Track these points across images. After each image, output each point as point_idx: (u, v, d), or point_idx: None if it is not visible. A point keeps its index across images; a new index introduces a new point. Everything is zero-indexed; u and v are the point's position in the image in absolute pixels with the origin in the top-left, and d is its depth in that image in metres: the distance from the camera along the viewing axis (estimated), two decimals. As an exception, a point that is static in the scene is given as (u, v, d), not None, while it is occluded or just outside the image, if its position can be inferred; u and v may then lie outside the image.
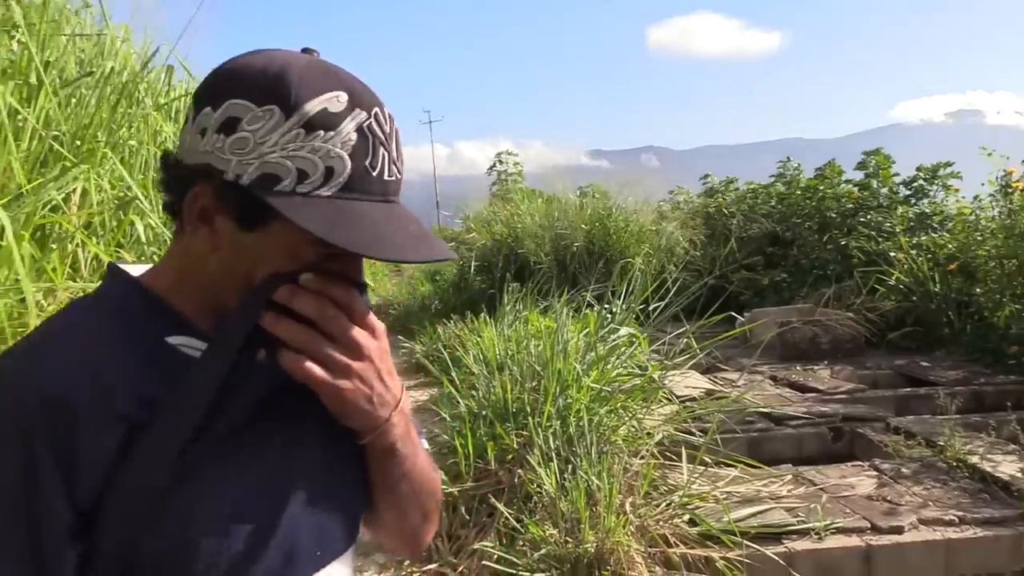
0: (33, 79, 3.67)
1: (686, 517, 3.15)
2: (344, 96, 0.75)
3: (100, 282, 0.85)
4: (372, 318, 0.84)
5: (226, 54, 0.81)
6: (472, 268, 11.22)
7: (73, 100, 4.04)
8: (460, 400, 4.23)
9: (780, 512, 3.23)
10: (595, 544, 2.80)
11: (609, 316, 4.85)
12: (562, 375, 3.81)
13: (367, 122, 0.76)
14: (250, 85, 0.73)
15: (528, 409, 3.72)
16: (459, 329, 7.53)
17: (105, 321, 0.77)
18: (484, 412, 3.94)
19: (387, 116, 0.79)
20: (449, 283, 13.23)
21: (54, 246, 3.39)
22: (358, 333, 0.81)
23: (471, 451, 3.61)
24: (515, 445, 3.56)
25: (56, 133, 3.66)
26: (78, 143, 3.79)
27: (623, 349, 4.33)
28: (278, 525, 0.79)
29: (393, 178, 0.80)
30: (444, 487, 3.56)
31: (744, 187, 11.83)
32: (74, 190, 3.52)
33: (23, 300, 3.02)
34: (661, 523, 3.08)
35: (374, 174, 0.77)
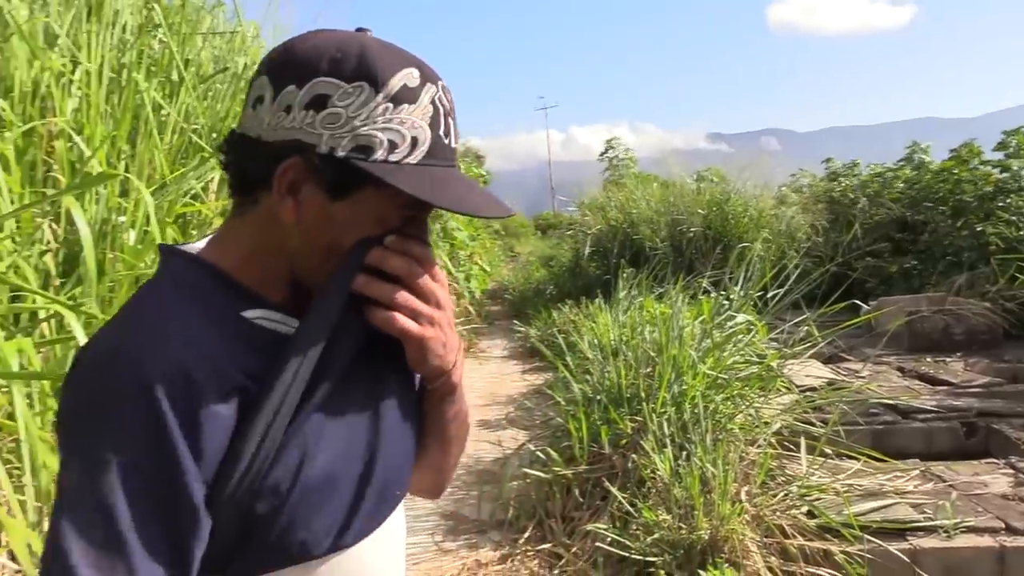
0: (175, 76, 3.92)
1: (804, 508, 3.09)
2: (416, 71, 0.81)
3: (159, 264, 0.87)
4: (440, 271, 0.90)
5: None
6: (587, 254, 11.21)
7: (209, 95, 4.30)
8: (575, 384, 4.27)
9: (905, 508, 3.11)
10: (709, 531, 2.80)
11: (726, 303, 4.77)
12: (677, 361, 3.79)
13: (437, 95, 0.83)
14: (334, 61, 0.78)
15: (642, 395, 3.72)
16: (574, 314, 7.57)
17: (188, 301, 0.80)
18: (598, 397, 3.97)
19: (447, 88, 0.85)
20: (564, 269, 13.27)
21: (194, 232, 3.63)
22: (435, 286, 0.88)
23: (585, 435, 3.65)
24: (629, 430, 3.58)
25: (195, 126, 3.91)
26: (214, 135, 4.04)
27: (740, 336, 4.26)
28: (373, 472, 0.86)
29: (456, 145, 0.87)
30: (558, 469, 3.63)
31: (868, 171, 11.32)
32: (211, 180, 3.76)
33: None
34: (778, 513, 3.03)
35: (446, 142, 0.84)
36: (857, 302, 4.62)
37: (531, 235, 31.15)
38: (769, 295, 4.59)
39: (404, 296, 0.85)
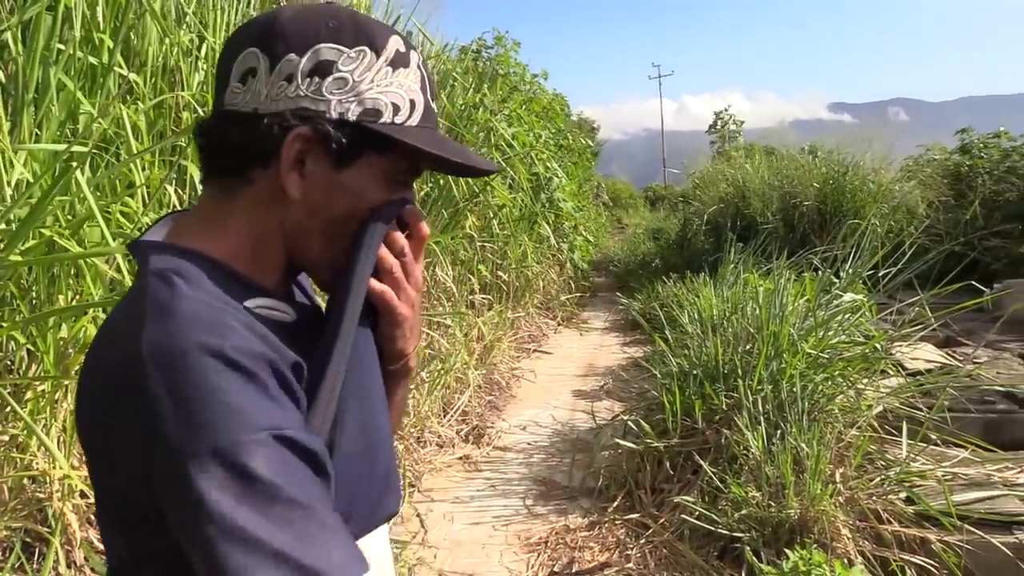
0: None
1: (902, 495, 3.00)
2: (399, 38, 0.82)
3: (149, 263, 0.76)
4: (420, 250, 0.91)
5: (463, 23, 0.91)
6: (695, 227, 11.03)
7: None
8: (672, 358, 4.26)
9: (1014, 500, 2.98)
10: (799, 510, 2.77)
11: (835, 280, 4.62)
12: (777, 338, 3.73)
13: (419, 60, 0.84)
14: (333, 31, 0.78)
15: (740, 371, 3.69)
16: (678, 288, 7.50)
17: (205, 293, 0.74)
18: (695, 371, 3.95)
19: (424, 61, 0.87)
20: (671, 242, 13.11)
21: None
22: (418, 267, 0.89)
23: (679, 409, 3.65)
24: (724, 406, 3.55)
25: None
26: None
27: (846, 315, 4.13)
28: (390, 447, 0.87)
29: (435, 108, 0.87)
30: (650, 441, 3.65)
31: (1007, 144, 10.57)
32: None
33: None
34: (874, 498, 2.96)
35: (432, 106, 0.86)
36: (975, 284, 4.37)
37: (640, 207, 30.78)
38: (881, 273, 4.42)
39: (399, 273, 0.86)
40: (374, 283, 0.84)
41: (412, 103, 0.82)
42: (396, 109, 0.80)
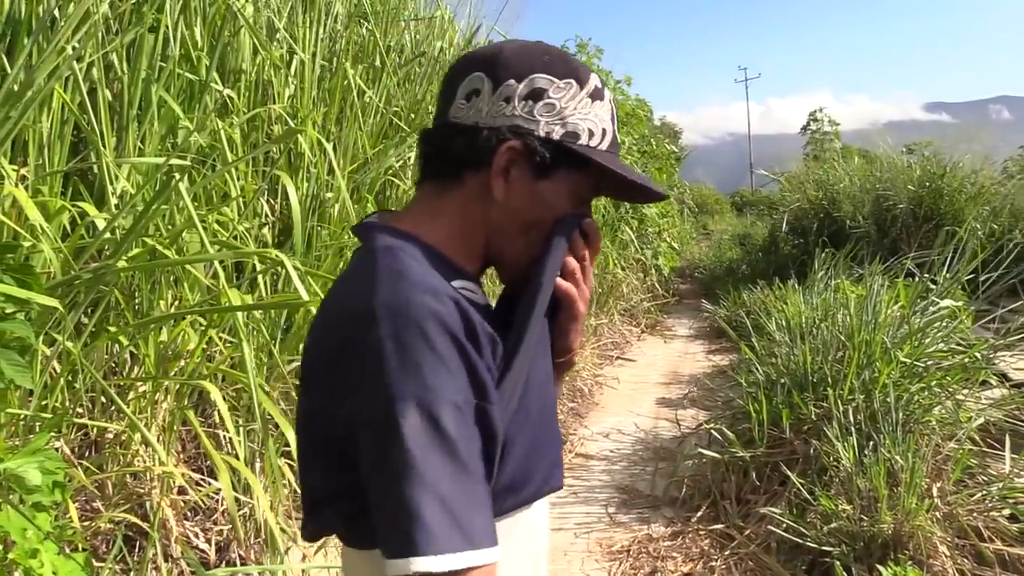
0: (377, 62, 4.19)
1: (1005, 511, 2.86)
2: (596, 76, 0.97)
3: (376, 241, 0.90)
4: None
5: (544, 30, 0.97)
6: (783, 232, 10.76)
7: (410, 78, 4.56)
8: (758, 366, 4.17)
9: None
10: (892, 525, 2.67)
11: (932, 286, 4.44)
12: (869, 347, 3.60)
13: (610, 96, 0.99)
14: (548, 63, 0.93)
15: (829, 380, 3.58)
16: (765, 295, 7.33)
17: (426, 268, 0.86)
18: (782, 380, 3.85)
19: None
20: (758, 247, 12.82)
21: (392, 208, 3.89)
22: (592, 274, 1.01)
23: (766, 418, 3.57)
24: (813, 416, 3.45)
25: (395, 109, 4.17)
26: (412, 116, 4.28)
27: (944, 323, 3.96)
28: (559, 436, 0.99)
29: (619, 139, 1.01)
30: (735, 451, 3.58)
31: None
32: (409, 157, 4.00)
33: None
34: (974, 514, 2.83)
35: (618, 135, 0.99)
36: (1086, 290, 4.13)
37: (726, 212, 30.20)
38: (982, 279, 4.22)
39: (580, 275, 0.98)
40: (560, 281, 0.96)
41: (604, 131, 0.95)
42: (591, 134, 0.94)
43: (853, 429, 3.20)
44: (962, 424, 3.30)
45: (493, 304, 1.01)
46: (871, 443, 3.13)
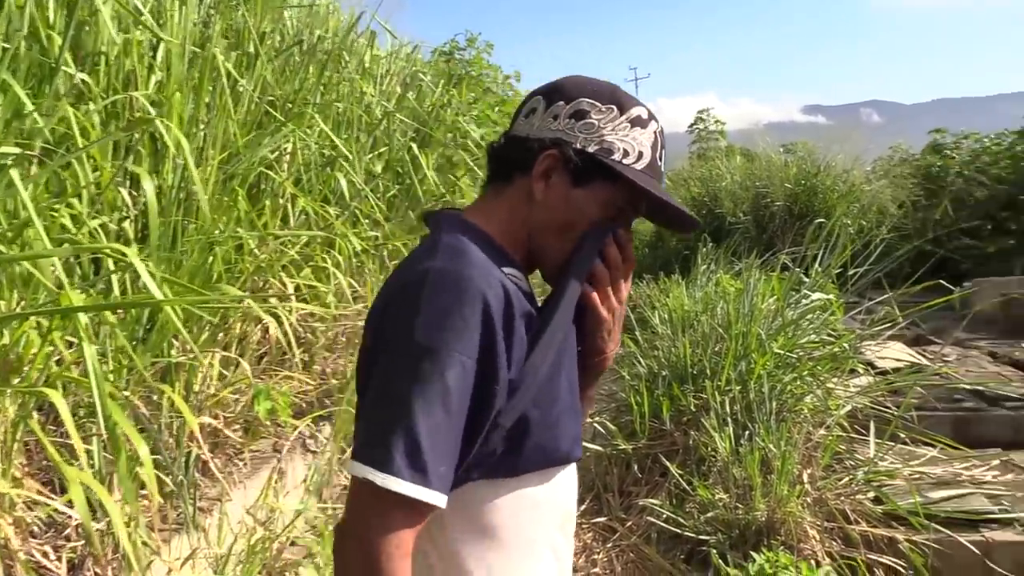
0: (251, 48, 4.00)
1: (871, 494, 2.98)
2: (645, 110, 1.11)
3: (444, 226, 1.08)
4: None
5: (424, 22, 0.88)
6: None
7: (287, 67, 4.38)
8: (641, 360, 4.21)
9: (980, 498, 2.97)
10: (766, 512, 2.73)
11: (804, 279, 4.60)
12: (746, 338, 3.69)
13: (658, 129, 1.13)
14: (595, 91, 1.09)
15: (708, 372, 3.64)
16: (650, 289, 7.46)
17: (483, 252, 1.02)
18: (663, 373, 3.90)
19: (663, 131, 1.14)
20: (644, 243, 13.10)
21: (267, 201, 3.72)
22: (624, 284, 1.13)
23: (647, 411, 3.60)
24: (692, 407, 3.51)
25: (271, 98, 3.99)
26: (289, 106, 4.11)
27: (815, 315, 4.10)
28: (579, 417, 1.12)
29: (664, 171, 1.15)
30: (617, 443, 3.60)
31: (976, 145, 10.63)
32: (285, 149, 3.84)
33: (240, 247, 3.38)
34: (842, 498, 2.93)
35: (659, 165, 1.12)
36: (943, 282, 4.35)
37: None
38: (850, 272, 4.40)
39: (607, 282, 1.11)
40: (585, 286, 1.09)
41: (640, 153, 1.09)
42: (626, 153, 1.08)
43: (730, 419, 3.26)
44: (831, 412, 3.43)
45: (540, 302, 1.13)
46: (747, 432, 3.20)
